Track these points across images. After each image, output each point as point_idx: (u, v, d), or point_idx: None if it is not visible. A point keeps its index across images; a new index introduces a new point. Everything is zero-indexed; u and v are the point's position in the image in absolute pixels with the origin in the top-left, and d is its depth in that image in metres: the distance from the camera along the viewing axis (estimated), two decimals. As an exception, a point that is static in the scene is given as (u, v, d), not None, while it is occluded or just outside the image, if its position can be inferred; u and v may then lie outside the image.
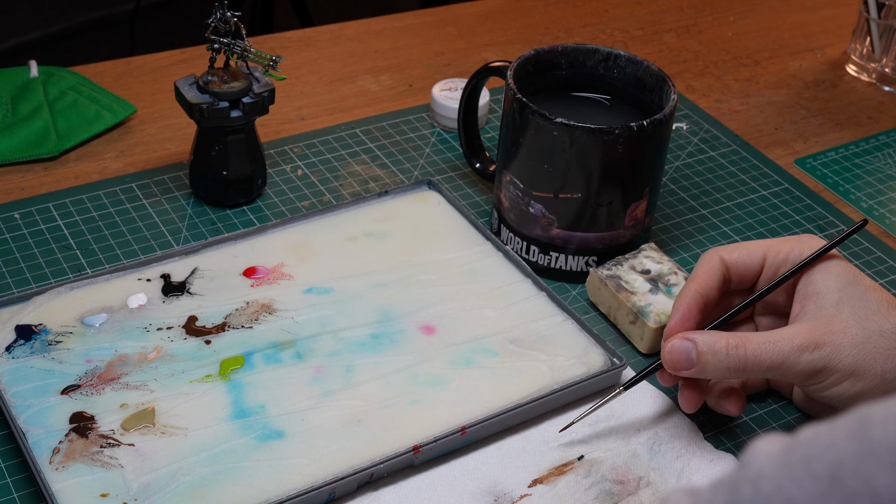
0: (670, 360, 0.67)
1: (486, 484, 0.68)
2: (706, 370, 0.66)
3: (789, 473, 0.39)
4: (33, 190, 0.90)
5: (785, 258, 0.70)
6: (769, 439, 0.42)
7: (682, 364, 0.67)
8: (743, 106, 1.09)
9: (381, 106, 1.04)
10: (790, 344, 0.65)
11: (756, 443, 0.42)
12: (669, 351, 0.67)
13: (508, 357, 0.75)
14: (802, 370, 0.65)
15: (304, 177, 0.94)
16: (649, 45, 1.18)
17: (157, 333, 0.75)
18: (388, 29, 1.17)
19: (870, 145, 1.05)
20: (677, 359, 0.67)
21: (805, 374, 0.66)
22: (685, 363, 0.66)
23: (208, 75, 0.84)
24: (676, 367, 0.67)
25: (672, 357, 0.67)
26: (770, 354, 0.65)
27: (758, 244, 0.71)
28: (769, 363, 0.65)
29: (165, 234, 0.86)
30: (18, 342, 0.73)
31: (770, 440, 0.42)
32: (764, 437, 0.42)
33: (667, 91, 0.83)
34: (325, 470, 0.66)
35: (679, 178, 0.98)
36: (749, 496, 0.40)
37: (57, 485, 0.64)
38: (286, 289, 0.79)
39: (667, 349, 0.67)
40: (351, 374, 0.73)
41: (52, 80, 1.00)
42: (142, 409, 0.69)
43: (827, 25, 1.24)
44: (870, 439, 0.38)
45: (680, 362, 0.67)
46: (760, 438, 0.42)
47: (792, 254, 0.70)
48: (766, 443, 0.42)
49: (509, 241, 0.85)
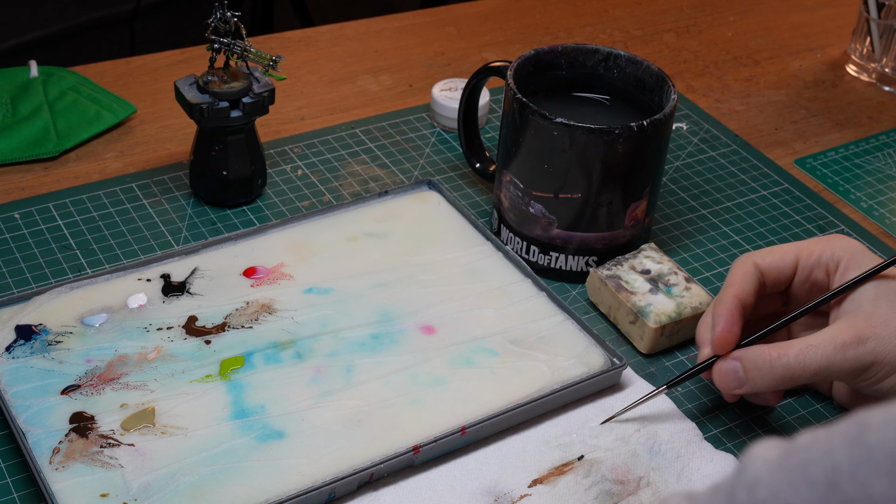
0: (721, 382, 0.69)
1: (486, 484, 0.68)
2: (756, 385, 0.68)
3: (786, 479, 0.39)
4: (33, 190, 0.90)
5: (817, 260, 0.71)
6: (766, 444, 0.42)
7: (732, 384, 0.69)
8: (743, 106, 1.09)
9: (381, 106, 1.04)
10: (833, 344, 0.66)
11: (753, 448, 0.42)
12: (718, 374, 0.69)
13: (508, 357, 0.75)
14: (850, 367, 0.66)
15: (304, 177, 0.94)
16: (649, 45, 1.18)
17: (157, 333, 0.75)
18: (388, 29, 1.17)
19: (870, 145, 1.05)
20: (728, 380, 0.69)
21: (854, 372, 0.66)
22: (735, 382, 0.69)
23: (208, 75, 0.84)
24: (728, 387, 0.69)
25: (722, 379, 0.69)
26: (814, 358, 0.66)
27: (789, 247, 0.72)
28: (815, 367, 0.66)
29: (165, 234, 0.86)
30: (18, 342, 0.73)
31: (767, 445, 0.42)
32: (761, 442, 0.42)
33: (667, 91, 0.83)
34: (325, 470, 0.66)
35: (679, 178, 0.98)
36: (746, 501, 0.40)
37: (57, 485, 0.64)
38: (286, 289, 0.79)
39: (715, 372, 0.69)
40: (351, 374, 0.73)
41: (52, 80, 1.00)
42: (142, 409, 0.69)
43: (827, 25, 1.24)
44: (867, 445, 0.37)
45: (730, 382, 0.69)
46: (757, 444, 0.42)
47: (824, 255, 0.71)
48: (764, 448, 0.42)
49: (509, 241, 0.85)
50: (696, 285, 0.80)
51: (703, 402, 0.76)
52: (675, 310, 0.78)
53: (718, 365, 0.69)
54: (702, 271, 0.87)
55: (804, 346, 0.66)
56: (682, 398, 0.76)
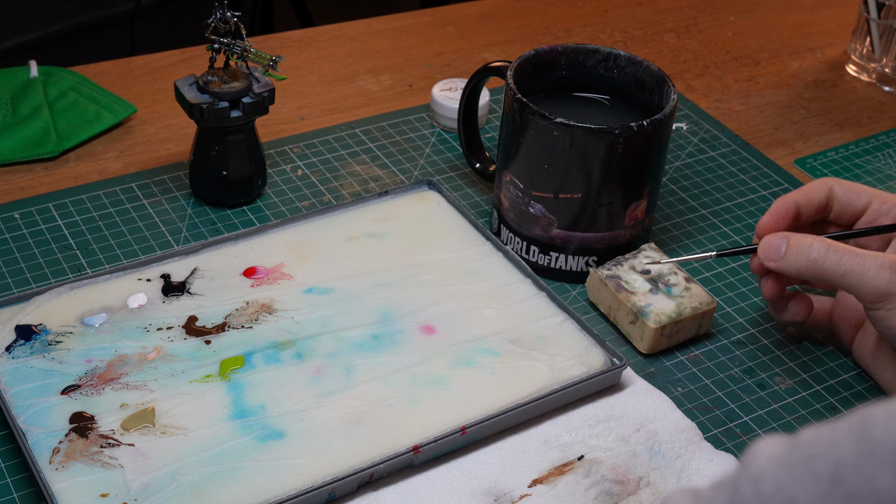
0: (762, 251, 0.73)
1: (486, 484, 0.68)
2: (790, 262, 0.71)
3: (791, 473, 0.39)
4: (33, 190, 0.90)
5: (890, 208, 0.74)
6: (770, 440, 0.42)
7: (771, 255, 0.73)
8: (743, 106, 1.09)
9: (381, 106, 1.04)
10: (874, 260, 0.68)
11: (757, 444, 0.42)
12: (765, 242, 0.73)
13: (508, 357, 0.75)
14: (876, 287, 0.68)
15: (304, 177, 0.94)
16: (649, 45, 1.18)
17: (157, 333, 0.75)
18: (388, 29, 1.17)
19: (870, 145, 1.05)
20: (770, 250, 0.73)
21: (879, 294, 0.68)
22: (775, 254, 0.72)
23: (208, 75, 0.84)
24: (766, 257, 0.73)
25: (765, 247, 0.73)
26: (850, 261, 0.69)
27: (868, 189, 0.76)
28: (847, 268, 0.69)
29: (165, 234, 0.86)
30: (18, 342, 0.73)
31: (771, 441, 0.42)
32: (765, 438, 0.42)
33: (667, 91, 0.83)
34: (325, 470, 0.66)
35: (679, 178, 0.98)
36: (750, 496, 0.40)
37: (57, 485, 0.64)
38: (286, 289, 0.79)
39: (763, 242, 0.73)
40: (351, 374, 0.73)
41: (52, 80, 1.00)
42: (142, 409, 0.69)
43: (827, 25, 1.24)
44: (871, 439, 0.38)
45: (771, 252, 0.73)
46: (761, 440, 0.42)
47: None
48: (767, 444, 0.42)
49: (509, 241, 0.85)
50: (696, 285, 0.80)
51: (703, 402, 0.76)
52: (675, 310, 0.78)
53: (768, 237, 0.73)
54: (702, 271, 0.87)
55: (848, 248, 0.70)
56: (682, 398, 0.76)
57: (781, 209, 0.76)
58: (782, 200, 0.76)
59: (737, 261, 0.88)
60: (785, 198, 0.76)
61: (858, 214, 0.76)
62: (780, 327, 0.82)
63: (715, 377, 0.78)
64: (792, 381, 0.78)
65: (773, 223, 0.75)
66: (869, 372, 0.77)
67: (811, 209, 0.76)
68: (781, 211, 0.75)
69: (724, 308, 0.84)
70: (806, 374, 0.79)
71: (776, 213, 0.76)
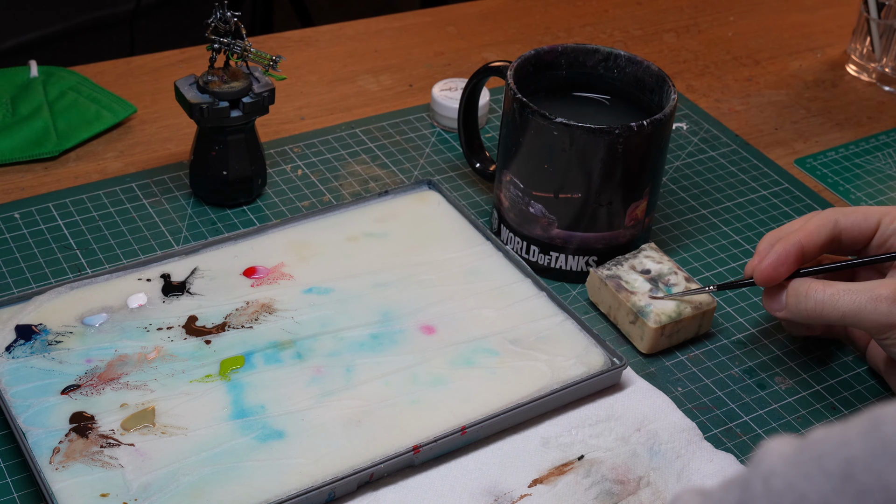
0: (766, 302, 0.74)
1: (486, 484, 0.68)
2: (792, 312, 0.72)
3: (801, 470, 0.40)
4: (33, 190, 0.90)
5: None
6: (780, 440, 0.42)
7: (774, 306, 0.73)
8: (743, 106, 1.09)
9: (381, 106, 1.04)
10: (870, 293, 0.67)
11: (767, 443, 0.42)
12: (765, 295, 0.74)
13: (508, 357, 0.75)
14: (877, 321, 0.67)
15: (304, 177, 0.94)
16: (649, 45, 1.18)
17: (157, 333, 0.75)
18: (388, 29, 1.17)
19: (870, 145, 1.05)
20: (771, 302, 0.73)
21: (880, 327, 0.68)
22: (777, 305, 0.73)
23: (208, 75, 0.84)
24: (770, 309, 0.74)
25: (767, 299, 0.74)
26: (846, 301, 0.68)
27: (874, 209, 0.74)
28: (845, 309, 0.68)
29: (165, 234, 0.86)
30: (18, 342, 0.73)
31: (781, 441, 0.42)
32: (775, 438, 0.43)
33: (667, 91, 0.83)
34: (325, 470, 0.66)
35: (679, 178, 0.98)
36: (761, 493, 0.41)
37: (57, 485, 0.64)
38: (286, 289, 0.79)
39: (764, 294, 0.74)
40: (351, 374, 0.73)
41: (52, 80, 1.00)
42: (142, 409, 0.69)
43: (827, 25, 1.24)
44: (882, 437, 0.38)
45: (773, 304, 0.73)
46: (771, 439, 0.43)
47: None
48: (778, 443, 0.42)
49: (509, 241, 0.85)
50: (695, 285, 0.80)
51: (703, 402, 0.76)
52: (675, 310, 0.78)
53: (767, 290, 0.73)
54: (702, 271, 0.87)
55: (843, 287, 0.69)
56: (683, 398, 0.76)
57: (784, 253, 0.72)
58: (783, 245, 0.72)
59: (736, 260, 0.88)
60: (786, 241, 0.72)
61: (869, 238, 0.73)
62: (780, 327, 0.82)
63: (715, 377, 0.78)
64: (792, 381, 0.78)
65: (774, 271, 0.72)
66: (884, 378, 0.77)
67: (815, 249, 0.73)
68: (784, 256, 0.72)
69: (724, 308, 0.84)
70: (806, 374, 0.79)
71: (778, 259, 0.72)
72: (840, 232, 0.73)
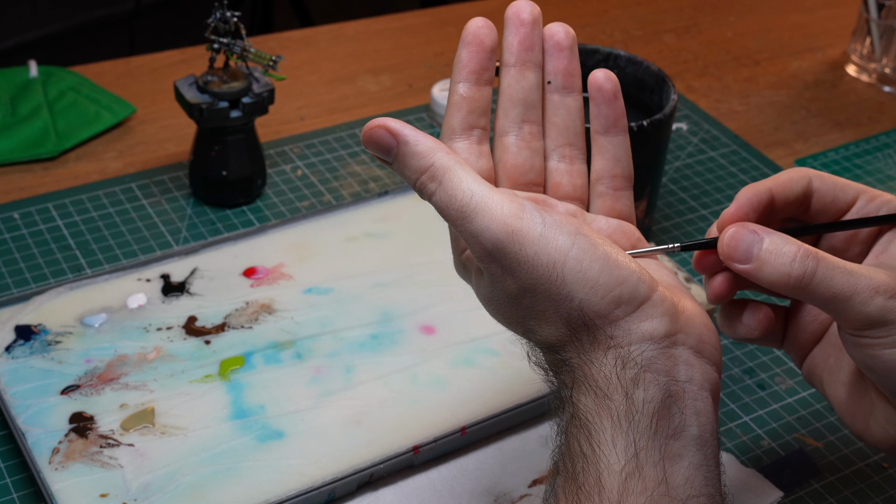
0: (727, 247, 0.56)
1: (486, 484, 0.68)
2: (763, 270, 0.55)
3: None
4: (33, 190, 0.90)
5: (879, 206, 0.61)
6: None
7: (739, 254, 0.56)
8: (743, 106, 1.09)
9: (381, 106, 1.04)
10: (868, 281, 0.55)
11: None
12: (730, 237, 0.56)
13: (509, 357, 0.75)
14: (868, 314, 0.55)
15: (304, 177, 0.94)
16: (649, 45, 1.18)
17: (157, 333, 0.75)
18: (388, 29, 1.17)
19: (870, 145, 1.05)
20: (735, 247, 0.56)
21: (868, 320, 0.55)
22: (744, 254, 0.56)
23: (208, 75, 0.84)
24: (732, 256, 0.56)
25: (730, 244, 0.56)
26: (842, 282, 0.55)
27: (852, 183, 0.62)
28: (837, 290, 0.55)
29: (165, 234, 0.86)
30: (18, 342, 0.73)
31: None
32: None
33: (667, 91, 0.83)
34: (325, 470, 0.66)
35: (679, 178, 0.98)
36: None
37: (56, 485, 0.64)
38: (286, 289, 0.79)
39: (727, 235, 0.56)
40: (351, 374, 0.73)
41: (52, 80, 1.00)
42: (141, 409, 0.69)
43: (827, 25, 1.24)
44: None
45: (738, 251, 0.56)
46: None
47: (892, 203, 0.61)
48: None
49: (509, 241, 0.85)
50: (696, 285, 0.79)
51: (703, 403, 0.76)
52: (675, 310, 0.77)
53: (735, 228, 0.56)
54: (702, 271, 0.87)
55: (840, 263, 0.55)
56: (682, 398, 0.76)
57: (753, 199, 0.59)
58: (752, 188, 0.59)
59: (737, 261, 0.88)
60: (755, 186, 0.59)
61: (841, 213, 0.61)
62: (780, 327, 0.82)
63: (715, 377, 0.78)
64: (792, 381, 0.78)
65: (741, 216, 0.59)
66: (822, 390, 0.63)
67: (786, 203, 0.60)
68: (753, 201, 0.59)
69: (724, 308, 0.84)
70: (806, 375, 0.79)
71: (746, 202, 0.59)
72: (812, 193, 0.61)
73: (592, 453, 0.51)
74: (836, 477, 0.72)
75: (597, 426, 0.51)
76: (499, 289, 0.54)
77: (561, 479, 0.53)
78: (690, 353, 0.53)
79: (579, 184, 0.60)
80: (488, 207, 0.52)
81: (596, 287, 0.51)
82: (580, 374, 0.53)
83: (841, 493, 0.71)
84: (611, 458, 0.50)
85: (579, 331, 0.52)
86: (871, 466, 0.73)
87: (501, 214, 0.52)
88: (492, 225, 0.52)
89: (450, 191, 0.53)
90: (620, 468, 0.50)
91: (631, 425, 0.51)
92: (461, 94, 0.57)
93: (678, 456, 0.51)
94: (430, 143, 0.54)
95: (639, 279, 0.52)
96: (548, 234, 0.52)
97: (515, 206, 0.52)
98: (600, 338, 0.52)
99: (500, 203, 0.52)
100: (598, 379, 0.52)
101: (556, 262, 0.51)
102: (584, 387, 0.52)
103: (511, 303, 0.54)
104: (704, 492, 0.51)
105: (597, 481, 0.50)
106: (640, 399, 0.51)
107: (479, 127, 0.58)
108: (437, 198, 0.54)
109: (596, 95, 0.60)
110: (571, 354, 0.53)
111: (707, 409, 0.52)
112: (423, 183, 0.54)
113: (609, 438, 0.51)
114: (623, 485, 0.50)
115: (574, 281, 0.51)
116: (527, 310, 0.53)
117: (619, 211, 0.60)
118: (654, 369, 0.52)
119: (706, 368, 0.53)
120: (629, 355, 0.52)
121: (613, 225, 0.59)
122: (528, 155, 0.59)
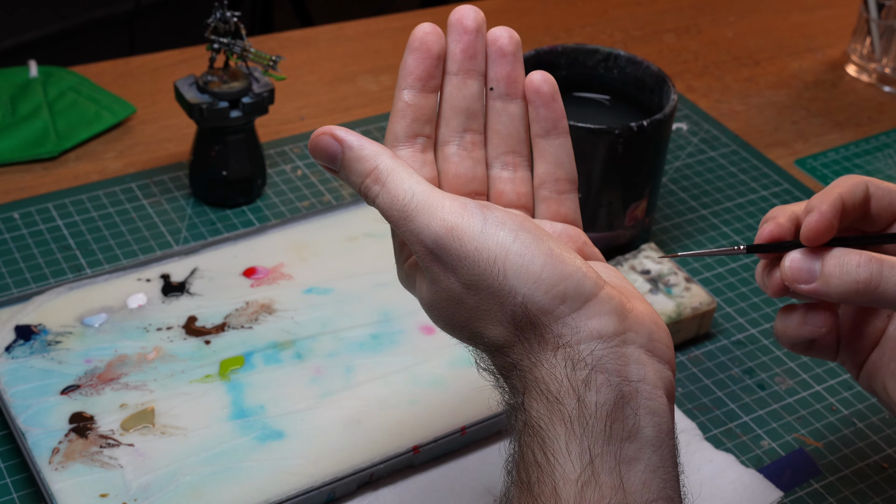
0: (790, 272, 0.57)
1: (486, 484, 0.68)
2: (831, 283, 0.56)
3: None
4: (33, 190, 0.90)
5: None
6: None
7: (803, 276, 0.56)
8: (743, 106, 1.09)
9: (381, 106, 1.04)
10: None
11: None
12: (791, 262, 0.57)
13: (508, 357, 0.75)
14: None
15: (304, 177, 0.94)
16: (649, 45, 1.18)
17: (157, 333, 0.75)
18: (388, 29, 1.17)
19: (870, 146, 1.05)
20: (800, 270, 0.56)
21: None
22: (807, 275, 0.56)
23: (208, 75, 0.84)
24: (797, 279, 0.57)
25: (793, 267, 0.57)
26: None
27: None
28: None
29: (165, 234, 0.86)
30: (18, 342, 0.73)
31: None
32: None
33: (667, 91, 0.83)
34: (325, 470, 0.66)
35: (679, 178, 0.98)
36: None
37: (56, 485, 0.64)
38: (286, 289, 0.79)
39: (787, 259, 0.57)
40: (351, 374, 0.73)
41: (52, 80, 1.00)
42: (141, 409, 0.69)
43: (827, 25, 1.24)
44: None
45: (801, 274, 0.56)
46: None
47: None
48: None
49: (509, 241, 0.85)
50: (695, 285, 0.80)
51: (702, 402, 0.76)
52: (675, 310, 0.78)
53: (792, 255, 0.57)
54: (702, 271, 0.87)
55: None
56: (683, 398, 0.76)
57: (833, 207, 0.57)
58: (825, 196, 0.57)
59: (737, 260, 0.88)
60: (828, 195, 0.58)
61: (894, 219, 0.61)
62: (780, 327, 0.82)
63: (715, 377, 0.78)
64: (792, 381, 0.78)
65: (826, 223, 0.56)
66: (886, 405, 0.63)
67: (853, 208, 0.59)
68: (834, 208, 0.57)
69: (724, 308, 0.84)
70: (806, 374, 0.79)
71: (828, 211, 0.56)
72: (870, 198, 0.60)
73: (547, 463, 0.50)
74: (836, 477, 0.72)
75: (550, 433, 0.50)
76: (442, 289, 0.53)
77: (516, 491, 0.51)
78: (642, 352, 0.52)
79: (523, 191, 0.59)
80: (429, 205, 0.52)
81: (539, 282, 0.50)
82: (531, 377, 0.52)
83: (841, 493, 0.71)
84: (566, 466, 0.49)
85: (526, 329, 0.51)
86: (871, 466, 0.73)
87: (442, 211, 0.51)
88: (432, 222, 0.51)
89: (392, 192, 0.52)
90: (576, 477, 0.49)
91: (585, 430, 0.50)
92: (406, 101, 0.57)
93: (634, 459, 0.50)
94: (375, 147, 0.54)
95: (584, 276, 0.51)
96: (489, 229, 0.51)
97: (457, 203, 0.52)
98: (548, 336, 0.51)
99: (440, 201, 0.52)
100: (549, 382, 0.51)
101: (498, 257, 0.51)
102: (536, 391, 0.51)
103: (454, 304, 0.53)
104: (662, 495, 0.50)
105: (553, 492, 0.49)
106: (593, 402, 0.50)
107: (424, 135, 0.57)
108: (380, 200, 0.53)
109: (534, 98, 0.59)
110: (520, 356, 0.52)
111: (662, 409, 0.51)
112: (367, 186, 0.53)
113: (563, 446, 0.49)
114: (580, 494, 0.49)
115: (516, 275, 0.51)
116: (471, 310, 0.52)
117: (565, 215, 0.59)
118: (605, 370, 0.50)
119: (659, 367, 0.52)
120: (579, 355, 0.50)
121: (559, 229, 0.58)
122: (471, 164, 0.58)
